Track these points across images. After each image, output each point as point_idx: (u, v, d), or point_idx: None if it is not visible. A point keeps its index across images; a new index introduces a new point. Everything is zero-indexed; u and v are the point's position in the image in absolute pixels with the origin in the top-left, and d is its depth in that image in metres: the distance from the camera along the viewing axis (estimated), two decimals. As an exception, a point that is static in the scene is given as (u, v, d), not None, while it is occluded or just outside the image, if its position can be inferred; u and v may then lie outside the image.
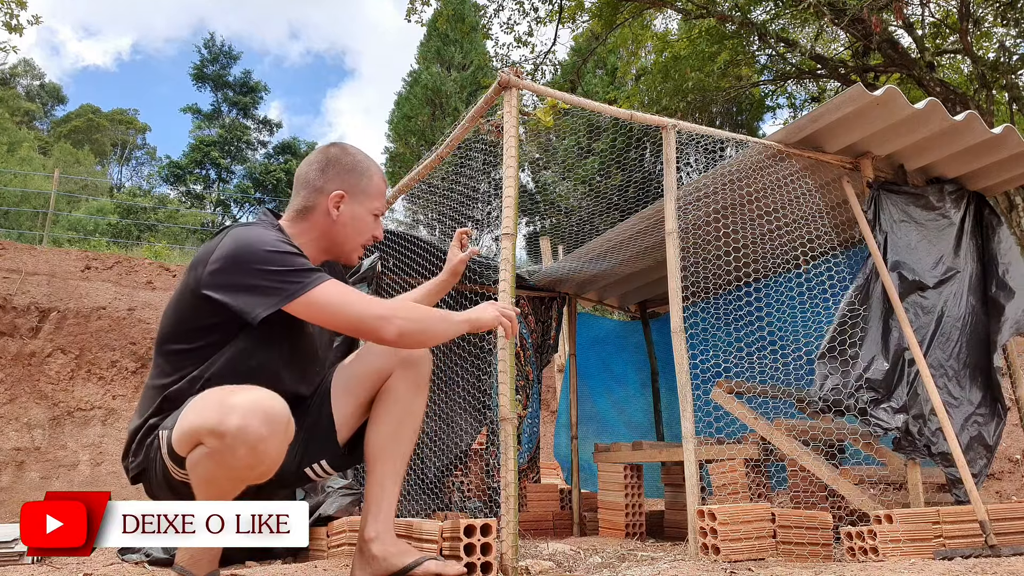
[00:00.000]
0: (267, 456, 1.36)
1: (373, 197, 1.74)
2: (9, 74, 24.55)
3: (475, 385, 3.82)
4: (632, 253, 3.80)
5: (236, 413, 1.33)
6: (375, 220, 1.75)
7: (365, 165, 1.75)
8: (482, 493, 3.78)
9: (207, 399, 1.41)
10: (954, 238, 3.01)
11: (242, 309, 1.47)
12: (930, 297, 2.84)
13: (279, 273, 1.46)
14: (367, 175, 1.74)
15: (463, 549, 1.83)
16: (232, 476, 1.37)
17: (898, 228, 2.89)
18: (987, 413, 2.81)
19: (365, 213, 1.72)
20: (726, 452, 2.87)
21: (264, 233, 1.52)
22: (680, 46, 10.63)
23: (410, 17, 11.12)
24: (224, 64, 23.51)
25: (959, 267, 2.96)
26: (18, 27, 8.75)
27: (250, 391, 1.41)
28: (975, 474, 2.61)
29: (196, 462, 1.39)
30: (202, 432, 1.36)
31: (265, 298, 1.46)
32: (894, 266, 2.80)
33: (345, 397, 1.76)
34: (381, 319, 1.50)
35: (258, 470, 1.38)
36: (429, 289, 2.09)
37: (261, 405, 1.36)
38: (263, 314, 1.45)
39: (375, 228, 1.76)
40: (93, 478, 6.35)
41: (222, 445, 1.33)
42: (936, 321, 2.81)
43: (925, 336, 2.76)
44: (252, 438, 1.33)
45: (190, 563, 1.48)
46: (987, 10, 8.75)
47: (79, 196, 17.25)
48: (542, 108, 2.90)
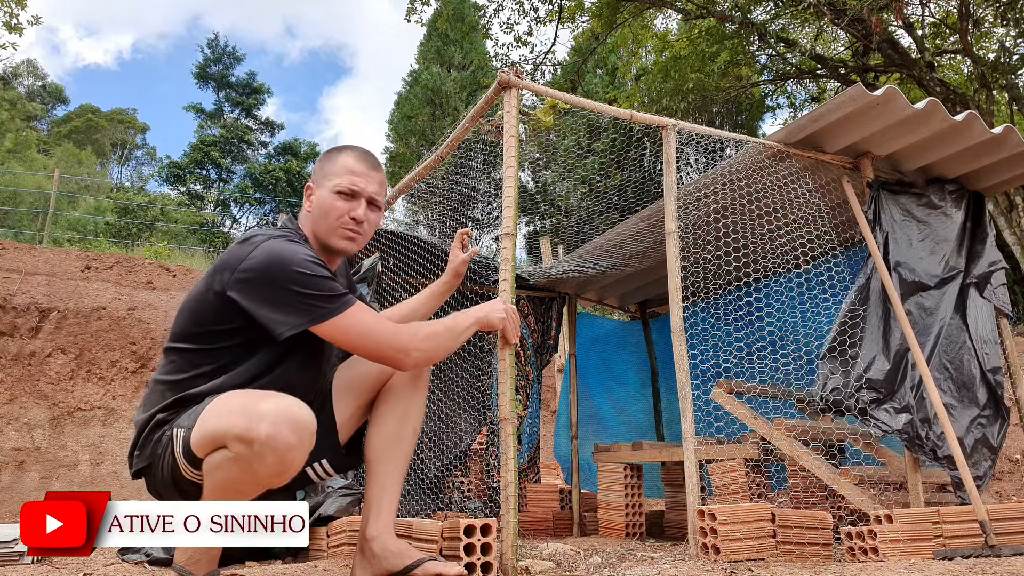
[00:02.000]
0: (294, 464, 1.38)
1: (334, 175, 1.70)
2: (11, 74, 24.56)
3: (475, 385, 3.82)
4: (632, 253, 3.79)
5: (266, 421, 1.33)
6: (341, 197, 1.68)
7: (335, 152, 1.75)
8: (482, 493, 3.78)
9: (231, 403, 1.41)
10: (956, 238, 3.01)
11: (268, 324, 1.49)
12: (933, 297, 2.83)
13: (310, 296, 1.49)
14: (331, 159, 1.74)
15: (463, 549, 1.83)
16: (255, 482, 1.38)
17: (898, 228, 2.89)
18: (991, 415, 2.81)
19: (327, 194, 1.69)
20: (726, 452, 2.87)
21: (297, 250, 1.53)
22: (680, 46, 10.63)
23: (410, 17, 11.14)
24: (227, 64, 23.51)
25: (961, 266, 2.96)
26: (18, 27, 8.76)
27: (278, 398, 1.41)
28: (980, 476, 2.61)
29: (217, 465, 1.39)
30: (228, 436, 1.36)
31: (293, 318, 1.48)
32: (895, 266, 2.80)
33: (346, 398, 1.76)
34: (401, 352, 1.57)
35: (283, 477, 1.40)
36: (434, 291, 2.09)
37: (290, 413, 1.37)
38: (288, 333, 1.48)
39: (347, 208, 1.68)
40: (93, 478, 6.35)
41: (250, 452, 1.33)
42: (939, 321, 2.80)
43: (928, 336, 2.76)
44: (281, 446, 1.33)
45: (189, 563, 1.48)
46: (987, 10, 8.75)
47: (80, 196, 17.25)
48: (542, 108, 2.89)
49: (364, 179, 1.71)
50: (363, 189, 1.70)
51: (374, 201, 1.74)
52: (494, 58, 14.99)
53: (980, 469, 2.65)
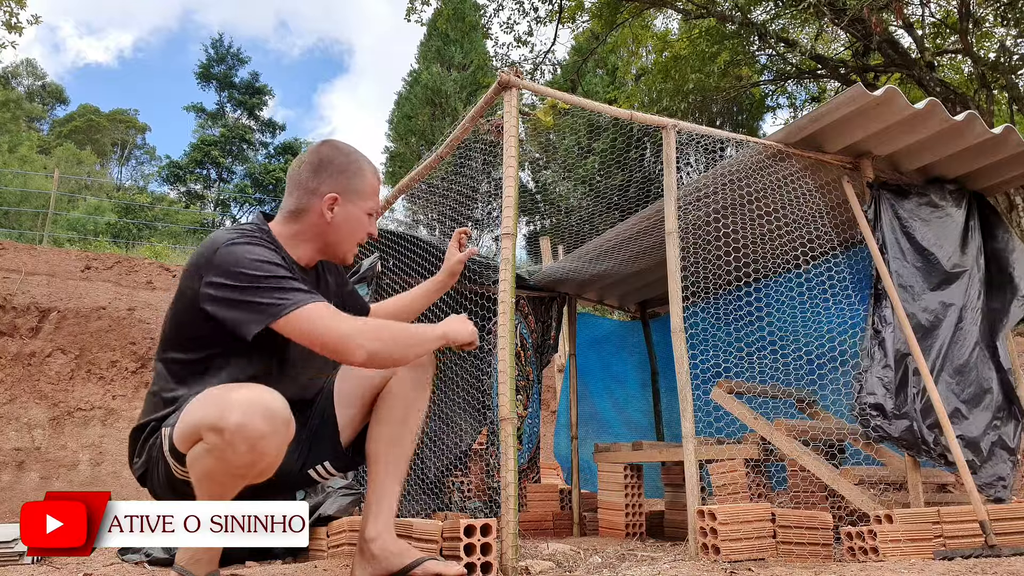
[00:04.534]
0: (266, 454, 1.36)
1: (367, 196, 1.72)
2: (11, 75, 24.56)
3: (475, 385, 3.82)
4: (632, 253, 3.79)
5: (237, 409, 1.33)
6: (370, 219, 1.74)
7: (358, 164, 1.73)
8: (482, 493, 3.78)
9: (208, 395, 1.42)
10: (959, 236, 3.00)
11: (234, 327, 1.48)
12: (939, 296, 2.82)
13: (265, 294, 1.47)
14: (360, 175, 1.72)
15: (463, 549, 1.83)
16: (231, 473, 1.37)
17: (899, 228, 2.88)
18: (1004, 416, 2.79)
19: (360, 213, 1.71)
20: (726, 452, 2.87)
21: (251, 251, 1.51)
22: (680, 46, 10.63)
23: (410, 17, 11.14)
24: (231, 65, 23.51)
25: (966, 265, 2.94)
26: (17, 26, 8.76)
27: (251, 388, 1.41)
28: (1001, 477, 2.59)
29: (196, 458, 1.39)
30: (202, 427, 1.36)
31: (254, 316, 1.46)
32: (895, 266, 2.79)
33: (349, 399, 1.76)
34: (348, 340, 1.49)
35: (258, 467, 1.38)
36: (427, 289, 2.08)
37: (262, 402, 1.37)
38: (254, 331, 1.46)
39: (370, 227, 1.75)
40: (93, 478, 6.35)
41: (222, 441, 1.33)
42: (947, 321, 2.78)
43: (935, 338, 2.73)
44: (252, 435, 1.33)
45: (190, 563, 1.48)
46: (987, 10, 8.75)
47: (80, 196, 17.25)
48: (542, 108, 2.90)
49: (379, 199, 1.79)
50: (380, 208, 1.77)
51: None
52: (494, 58, 14.98)
53: (1001, 471, 2.62)
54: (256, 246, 1.54)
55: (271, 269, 1.50)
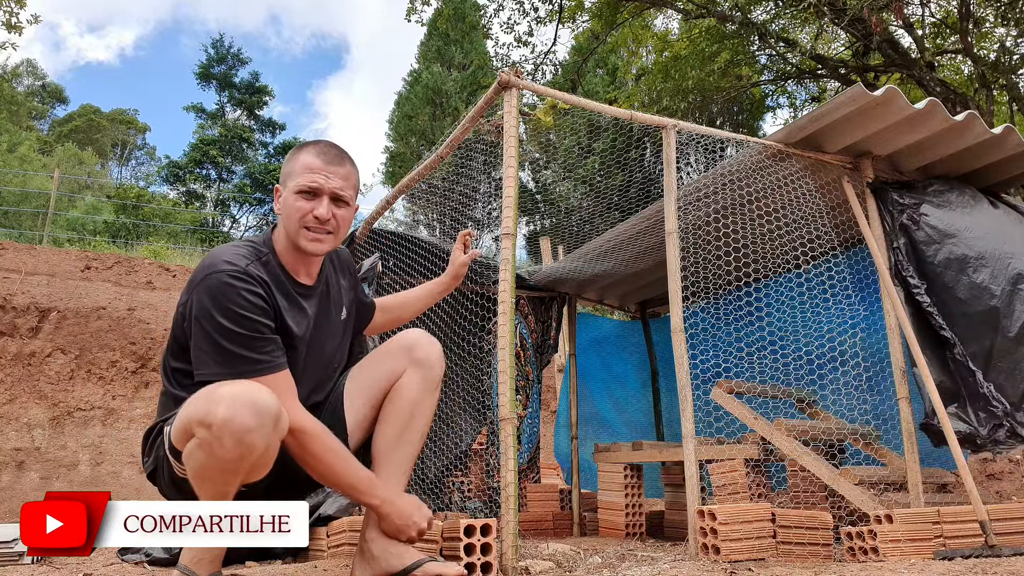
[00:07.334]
0: (254, 447, 1.36)
1: (295, 175, 1.65)
2: (11, 75, 24.55)
3: (475, 385, 3.82)
4: (632, 253, 3.79)
5: (223, 403, 1.34)
6: (302, 197, 1.63)
7: (297, 151, 1.70)
8: (482, 493, 3.78)
9: (200, 392, 1.44)
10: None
11: (194, 362, 1.51)
12: (949, 290, 2.79)
13: (232, 348, 1.48)
14: (293, 159, 1.69)
15: (463, 549, 1.83)
16: (222, 468, 1.37)
17: (898, 227, 2.88)
18: None
19: (289, 195, 1.65)
20: (726, 452, 2.86)
21: (236, 294, 1.49)
22: (680, 46, 10.63)
23: (410, 17, 11.14)
24: (231, 65, 23.49)
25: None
26: (17, 26, 8.77)
27: (239, 383, 1.42)
28: None
29: (189, 454, 1.40)
30: (192, 423, 1.37)
31: (215, 366, 1.48)
32: (896, 266, 2.79)
33: (358, 400, 1.76)
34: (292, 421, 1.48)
35: (247, 461, 1.37)
36: (430, 290, 2.08)
37: (249, 396, 1.37)
38: (207, 379, 1.47)
39: (309, 208, 1.62)
40: (93, 478, 6.35)
41: (209, 435, 1.34)
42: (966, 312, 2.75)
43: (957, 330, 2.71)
44: (239, 429, 1.33)
45: (193, 563, 1.48)
46: (987, 10, 8.75)
47: (80, 196, 17.24)
48: (542, 108, 2.90)
49: (324, 175, 1.63)
50: (323, 186, 1.62)
51: (338, 197, 1.65)
52: (494, 58, 14.97)
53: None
54: (244, 290, 1.51)
55: (248, 325, 1.49)
